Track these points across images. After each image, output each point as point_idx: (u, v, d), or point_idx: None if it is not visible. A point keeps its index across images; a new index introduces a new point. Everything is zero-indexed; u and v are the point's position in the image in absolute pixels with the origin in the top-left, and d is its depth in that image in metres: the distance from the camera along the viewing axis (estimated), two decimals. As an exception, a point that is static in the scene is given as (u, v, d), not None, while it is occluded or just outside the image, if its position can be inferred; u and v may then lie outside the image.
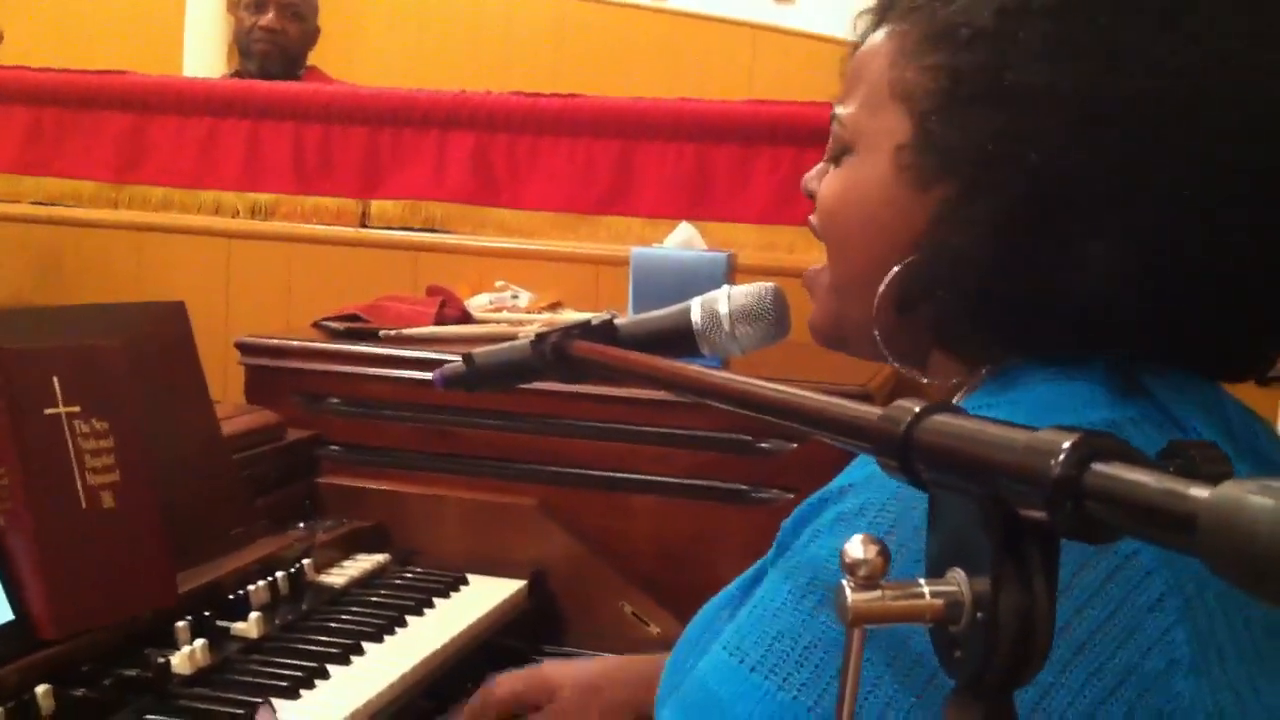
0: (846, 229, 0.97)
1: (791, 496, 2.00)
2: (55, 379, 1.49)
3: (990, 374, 0.90)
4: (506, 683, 1.54)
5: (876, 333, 0.95)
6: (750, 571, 0.95)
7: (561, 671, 1.48)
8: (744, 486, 2.05)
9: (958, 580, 0.55)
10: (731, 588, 0.97)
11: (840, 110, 0.98)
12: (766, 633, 0.82)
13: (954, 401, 0.93)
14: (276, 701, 1.49)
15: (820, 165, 1.02)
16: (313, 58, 4.14)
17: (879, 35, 0.95)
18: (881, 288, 0.92)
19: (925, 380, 0.98)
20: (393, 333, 2.34)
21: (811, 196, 1.02)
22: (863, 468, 0.85)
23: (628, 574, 2.06)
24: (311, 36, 4.09)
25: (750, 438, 2.03)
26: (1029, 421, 0.53)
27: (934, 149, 0.87)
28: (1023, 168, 0.82)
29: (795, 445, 1.99)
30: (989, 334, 0.88)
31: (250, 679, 1.55)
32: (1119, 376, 0.84)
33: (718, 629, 0.92)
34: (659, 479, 2.09)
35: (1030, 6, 0.84)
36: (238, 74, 4.07)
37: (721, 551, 2.02)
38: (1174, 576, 0.77)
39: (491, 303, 2.64)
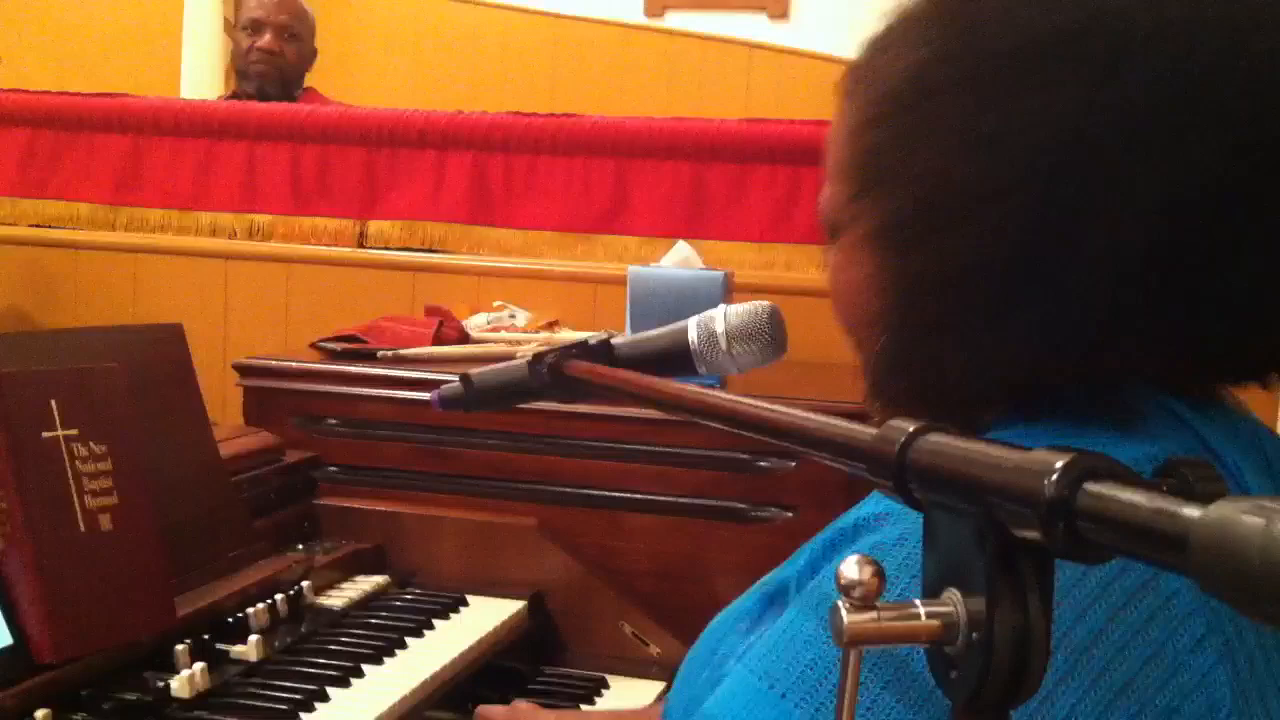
0: (844, 301, 0.96)
1: (790, 515, 2.00)
2: (53, 402, 1.49)
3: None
4: None
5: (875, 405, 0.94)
6: (769, 586, 0.93)
7: None
8: (743, 505, 2.04)
9: (953, 600, 0.55)
10: (747, 601, 0.95)
11: (824, 188, 0.97)
12: (799, 660, 0.80)
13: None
14: (276, 724, 1.49)
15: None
16: (310, 79, 4.14)
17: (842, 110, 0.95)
18: (872, 363, 0.92)
19: None
20: (390, 353, 2.34)
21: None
22: None
23: (627, 593, 2.06)
24: (308, 58, 4.10)
25: (749, 456, 2.03)
26: None
27: (883, 224, 0.87)
28: (984, 215, 0.81)
29: (794, 464, 1.99)
30: (970, 397, 0.86)
31: (250, 702, 1.55)
32: (1150, 402, 0.83)
33: (733, 644, 0.91)
34: (658, 498, 2.09)
35: (928, 71, 0.84)
36: (235, 96, 4.08)
37: (721, 570, 2.02)
38: (1214, 618, 0.77)
39: (489, 323, 2.65)
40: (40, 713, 1.36)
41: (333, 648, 1.75)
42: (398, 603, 1.97)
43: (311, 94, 4.08)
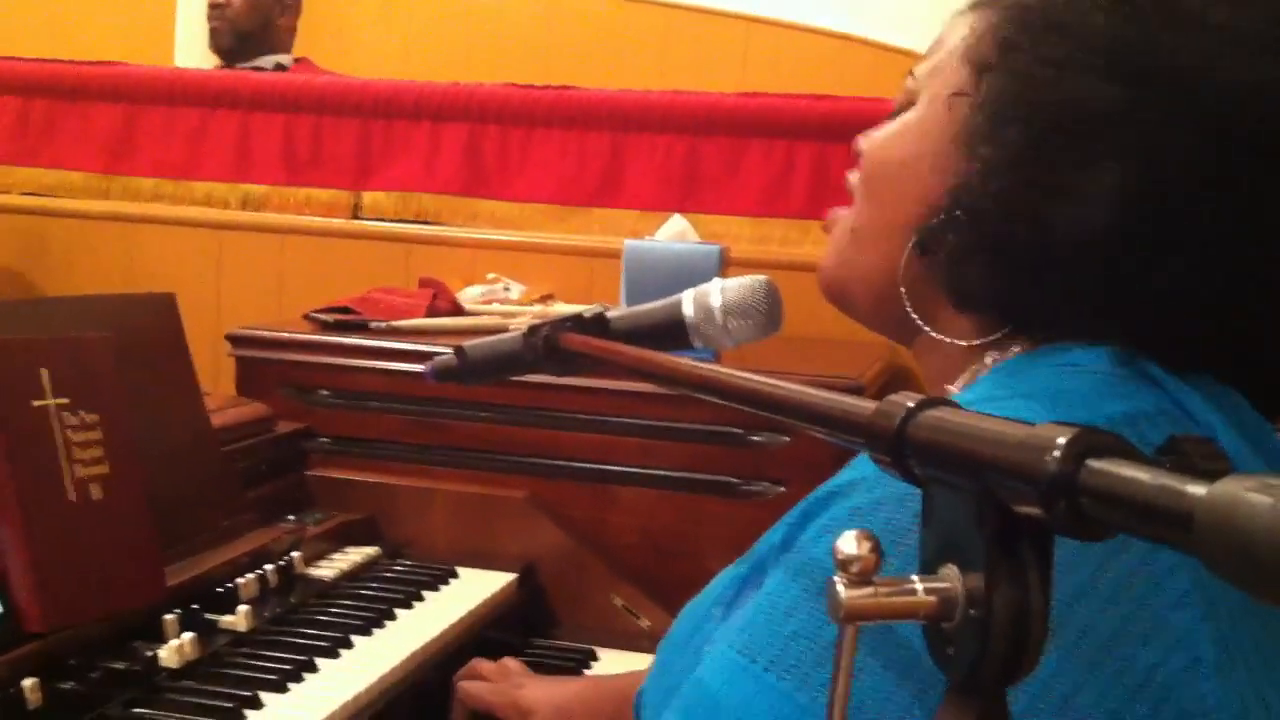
0: (887, 174, 0.99)
1: (782, 490, 1.99)
2: (43, 371, 1.48)
3: (996, 361, 0.91)
4: (479, 692, 1.57)
5: (901, 288, 0.97)
6: (744, 567, 0.93)
7: (535, 695, 1.50)
8: (735, 479, 2.04)
9: (951, 576, 0.55)
10: (720, 584, 0.95)
11: (916, 69, 1.01)
12: (779, 632, 0.80)
13: (959, 388, 0.93)
14: (264, 695, 1.49)
15: (882, 125, 1.05)
16: (304, 49, 4.11)
17: (970, 13, 0.99)
18: (924, 227, 0.95)
19: (930, 352, 0.98)
20: (384, 325, 2.33)
21: (858, 156, 1.04)
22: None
23: (618, 567, 2.06)
24: (264, 10, 3.98)
25: (741, 431, 2.02)
26: (1041, 415, 0.52)
27: (985, 88, 0.91)
28: (1058, 92, 0.86)
29: (787, 439, 1.99)
30: (998, 279, 0.90)
31: (238, 672, 1.55)
32: (1127, 367, 0.84)
33: (709, 629, 0.91)
34: (650, 472, 2.09)
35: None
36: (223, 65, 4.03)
37: (712, 544, 2.02)
38: (1198, 573, 0.77)
39: (483, 295, 2.64)
40: (28, 681, 1.35)
41: (322, 619, 1.75)
42: (388, 574, 1.97)
43: (305, 64, 4.04)
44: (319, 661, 1.60)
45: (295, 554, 1.86)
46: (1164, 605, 0.76)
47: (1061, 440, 0.48)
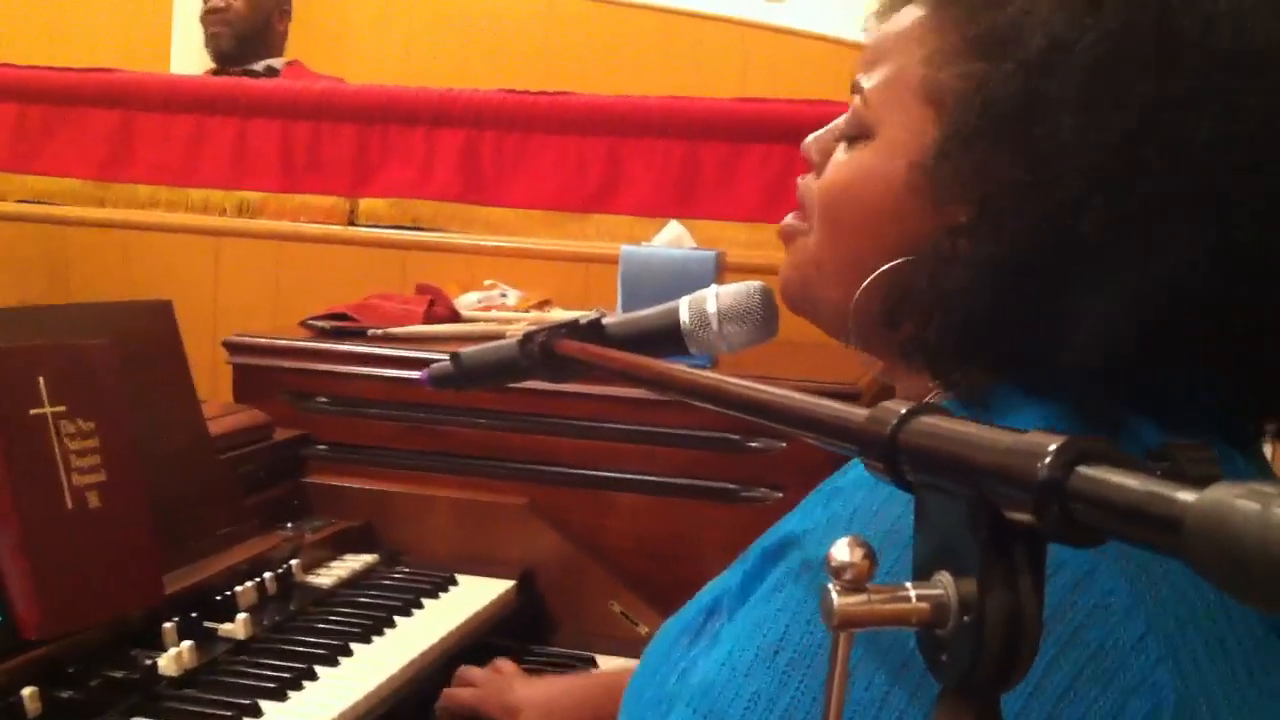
0: (847, 217, 0.95)
1: (780, 496, 1.99)
2: (41, 378, 1.48)
3: (959, 394, 0.87)
4: (468, 696, 1.58)
5: (852, 336, 0.94)
6: (707, 598, 0.93)
7: (523, 694, 1.50)
8: (732, 485, 2.04)
9: (944, 583, 0.55)
10: (688, 612, 0.94)
11: (864, 83, 0.95)
12: (740, 694, 0.79)
13: None
14: (264, 703, 1.49)
15: (828, 132, 1.00)
16: (301, 53, 4.11)
17: (916, 12, 0.92)
18: (865, 283, 0.91)
19: (884, 379, 0.98)
20: (381, 332, 2.33)
21: (809, 161, 1.00)
22: (823, 505, 0.83)
23: (616, 573, 2.06)
24: (264, 12, 3.97)
25: (739, 437, 2.03)
26: None
27: (951, 173, 0.84)
28: (1035, 213, 0.79)
29: (784, 444, 1.99)
30: (969, 364, 0.85)
31: (237, 680, 1.55)
32: (1092, 411, 0.81)
33: (676, 658, 0.90)
34: (647, 478, 2.09)
35: (1075, 47, 0.80)
36: (217, 72, 4.02)
37: (710, 550, 2.02)
38: (1156, 615, 0.76)
39: (480, 301, 2.64)
40: (27, 690, 1.35)
41: (321, 626, 1.75)
42: (386, 581, 1.97)
43: (296, 66, 4.03)
44: (319, 669, 1.60)
45: (294, 561, 1.86)
46: (1123, 648, 0.74)
47: (1052, 446, 0.48)
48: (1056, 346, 0.80)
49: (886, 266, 0.90)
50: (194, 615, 1.62)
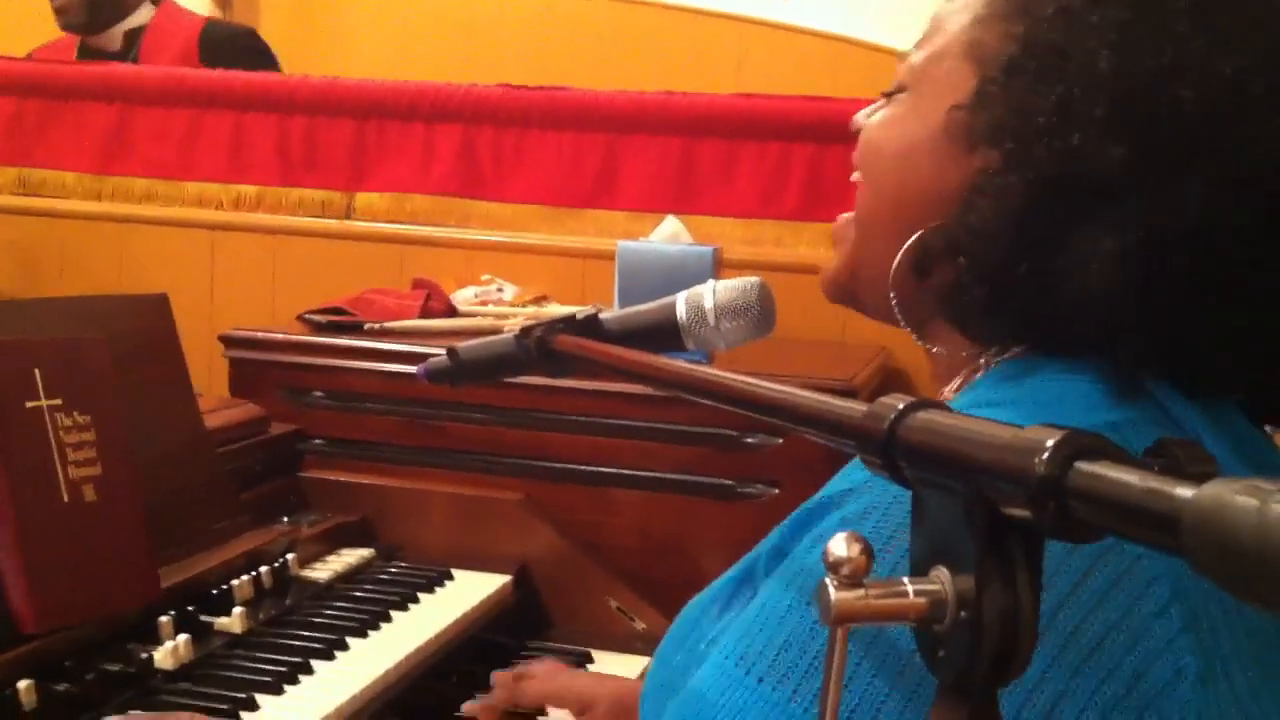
0: (885, 166, 0.98)
1: (776, 492, 1.99)
2: (37, 372, 1.48)
3: (992, 365, 0.90)
4: (538, 688, 1.53)
5: (891, 293, 0.96)
6: (738, 570, 0.94)
7: (596, 690, 1.48)
8: (729, 481, 2.04)
9: (941, 579, 0.55)
10: (718, 584, 0.95)
11: (913, 55, 0.99)
12: (773, 641, 0.80)
13: (956, 390, 0.93)
14: (260, 697, 1.49)
15: (875, 104, 1.03)
16: (300, 50, 4.08)
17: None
18: (906, 245, 0.94)
19: (933, 350, 0.98)
20: (377, 326, 2.33)
21: (857, 133, 1.03)
22: (862, 469, 0.85)
23: (613, 569, 2.06)
24: None
25: (735, 433, 2.03)
26: (1028, 421, 0.52)
27: (986, 114, 0.88)
28: (1062, 149, 0.83)
29: (780, 440, 1.99)
30: (995, 315, 0.88)
31: (233, 674, 1.55)
32: (1121, 376, 0.83)
33: (704, 627, 0.91)
34: (644, 474, 2.09)
35: None
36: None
37: (706, 546, 2.02)
38: (1179, 585, 0.77)
39: (477, 296, 2.64)
40: (23, 683, 1.35)
41: (317, 620, 1.75)
42: (383, 576, 1.97)
43: (169, 7, 3.69)
44: (314, 664, 1.60)
45: (290, 556, 1.86)
46: (1147, 614, 0.76)
47: (1050, 443, 0.48)
48: (1072, 293, 0.82)
49: (921, 231, 0.92)
50: (190, 609, 1.62)
